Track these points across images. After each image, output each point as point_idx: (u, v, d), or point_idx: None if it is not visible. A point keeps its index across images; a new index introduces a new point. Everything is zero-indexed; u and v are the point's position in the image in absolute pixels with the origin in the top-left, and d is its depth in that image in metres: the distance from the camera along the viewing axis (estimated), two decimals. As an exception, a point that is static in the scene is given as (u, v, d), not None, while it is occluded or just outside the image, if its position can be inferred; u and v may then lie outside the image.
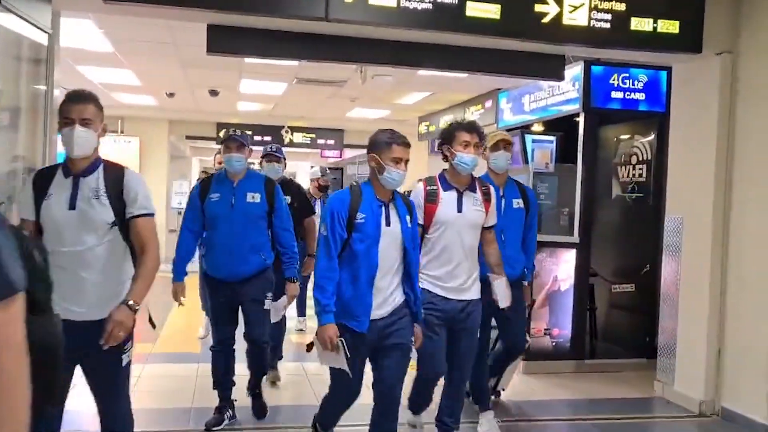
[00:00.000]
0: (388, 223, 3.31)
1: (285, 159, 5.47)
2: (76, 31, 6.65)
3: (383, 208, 3.33)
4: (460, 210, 3.78)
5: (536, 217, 4.70)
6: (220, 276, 4.35)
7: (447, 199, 3.80)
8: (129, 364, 2.98)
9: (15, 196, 3.92)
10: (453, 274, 3.78)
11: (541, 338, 6.11)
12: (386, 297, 3.35)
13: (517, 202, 4.47)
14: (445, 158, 3.86)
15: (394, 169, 3.27)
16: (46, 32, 4.27)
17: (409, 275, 3.40)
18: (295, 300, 5.10)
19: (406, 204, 3.46)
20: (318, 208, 7.00)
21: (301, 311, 7.33)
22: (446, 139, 3.84)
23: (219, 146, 4.55)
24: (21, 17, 3.86)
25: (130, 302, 2.83)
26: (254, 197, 4.30)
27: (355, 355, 3.32)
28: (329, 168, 9.30)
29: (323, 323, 3.27)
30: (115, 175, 2.92)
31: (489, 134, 4.35)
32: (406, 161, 3.31)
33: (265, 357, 4.64)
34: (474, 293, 3.88)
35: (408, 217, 3.40)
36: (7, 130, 4.08)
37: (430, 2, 4.45)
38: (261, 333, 4.44)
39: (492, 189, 4.00)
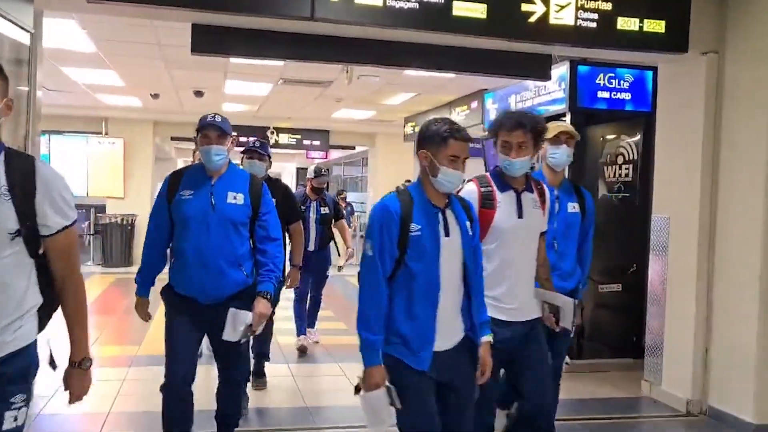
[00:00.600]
0: (447, 233, 2.71)
1: (270, 157, 4.99)
2: (59, 31, 6.59)
3: (440, 215, 2.74)
4: (521, 215, 3.19)
5: (593, 224, 3.99)
6: (191, 294, 3.48)
7: (505, 202, 3.19)
8: (20, 428, 2.12)
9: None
10: (513, 293, 3.21)
11: (528, 338, 6.09)
12: (450, 324, 2.74)
13: (573, 206, 3.82)
14: None
15: (451, 169, 2.67)
16: (28, 32, 4.21)
17: (468, 296, 2.80)
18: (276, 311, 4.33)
19: (464, 207, 2.86)
20: (313, 213, 6.52)
21: (301, 329, 6.69)
22: (493, 135, 3.28)
23: (195, 136, 3.61)
24: (2, 16, 3.80)
25: (83, 361, 2.27)
26: (236, 198, 3.51)
27: (421, 400, 2.68)
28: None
29: (368, 365, 2.63)
30: (23, 168, 2.09)
31: (549, 125, 3.60)
32: (465, 159, 2.71)
33: (241, 398, 3.87)
34: (537, 310, 3.36)
35: (468, 224, 2.80)
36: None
37: (416, 2, 4.43)
38: (242, 370, 3.76)
39: (545, 188, 3.40)
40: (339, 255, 7.30)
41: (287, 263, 5.08)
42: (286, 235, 5.06)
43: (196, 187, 3.47)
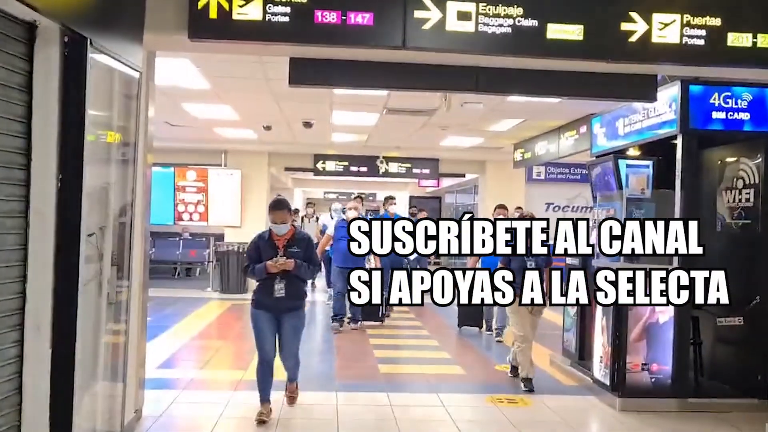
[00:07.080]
0: None
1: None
2: (176, 70, 7.00)
3: None
4: None
5: None
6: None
7: None
8: None
9: (108, 227, 4.11)
10: None
11: (638, 373, 5.76)
12: None
13: None
14: None
15: None
16: (138, 71, 4.50)
17: None
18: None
19: None
20: None
21: None
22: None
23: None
24: (115, 58, 4.08)
25: None
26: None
27: None
28: (424, 197, 7.31)
29: None
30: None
31: None
32: None
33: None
34: None
35: None
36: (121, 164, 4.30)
37: (509, 26, 4.37)
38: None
39: None
40: None
41: None
42: None
43: None
